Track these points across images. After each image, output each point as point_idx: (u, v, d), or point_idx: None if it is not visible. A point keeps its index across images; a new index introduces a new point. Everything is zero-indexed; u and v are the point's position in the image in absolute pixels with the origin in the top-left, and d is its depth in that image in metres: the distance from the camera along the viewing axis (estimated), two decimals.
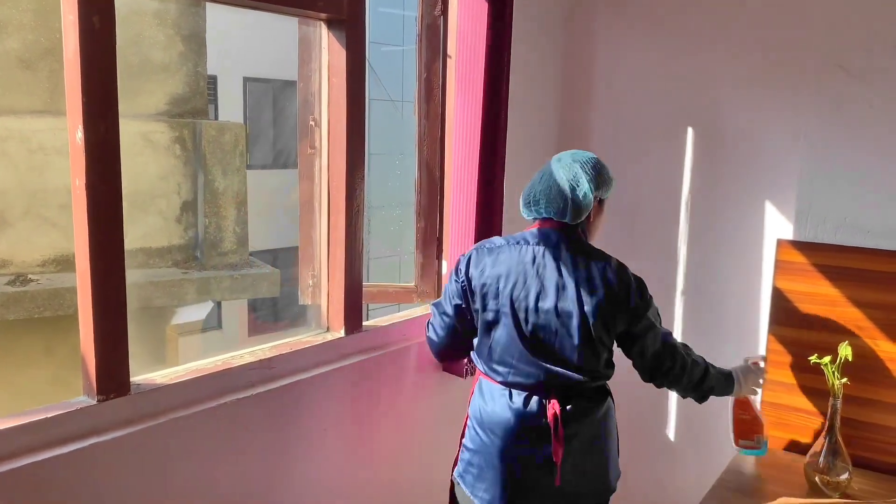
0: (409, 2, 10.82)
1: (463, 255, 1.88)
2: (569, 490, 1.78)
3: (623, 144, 2.62)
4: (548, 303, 1.73)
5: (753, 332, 2.41)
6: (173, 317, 4.83)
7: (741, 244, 2.41)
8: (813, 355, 2.00)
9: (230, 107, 9.63)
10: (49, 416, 1.46)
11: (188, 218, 4.54)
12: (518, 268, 1.76)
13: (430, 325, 1.97)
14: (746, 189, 2.39)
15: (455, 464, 1.91)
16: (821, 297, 2.16)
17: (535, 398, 1.76)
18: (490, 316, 1.78)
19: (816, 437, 2.06)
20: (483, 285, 1.78)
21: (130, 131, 4.24)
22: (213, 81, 9.11)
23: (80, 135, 1.44)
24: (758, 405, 2.15)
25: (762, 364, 2.07)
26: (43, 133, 4.01)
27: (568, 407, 1.75)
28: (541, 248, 1.78)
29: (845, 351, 1.96)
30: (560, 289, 1.74)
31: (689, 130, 2.49)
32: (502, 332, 1.76)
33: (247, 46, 9.13)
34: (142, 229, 4.34)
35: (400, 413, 2.19)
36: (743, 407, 2.13)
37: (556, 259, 1.76)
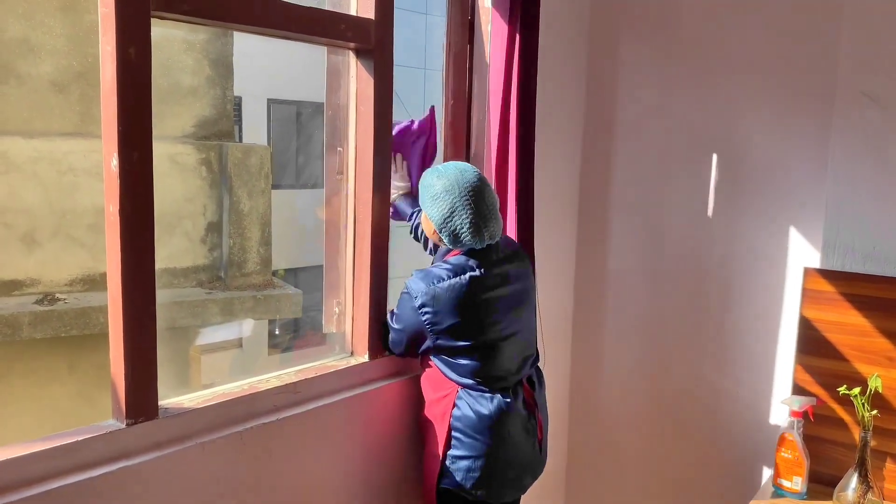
0: (431, 25, 10.94)
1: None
2: (543, 457, 2.06)
3: (646, 170, 2.62)
4: (521, 312, 1.97)
5: (780, 362, 2.38)
6: (204, 336, 4.87)
7: (767, 272, 2.39)
8: (842, 386, 1.97)
9: (254, 127, 9.76)
10: (79, 439, 1.47)
11: (213, 239, 4.59)
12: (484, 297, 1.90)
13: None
14: (772, 216, 2.37)
15: (438, 477, 1.94)
16: (850, 326, 2.14)
17: (517, 389, 1.98)
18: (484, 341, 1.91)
19: (846, 469, 2.03)
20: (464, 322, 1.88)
21: (158, 153, 4.28)
22: (237, 102, 9.25)
23: (114, 162, 1.47)
24: (802, 446, 2.11)
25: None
26: (73, 155, 4.08)
27: (533, 385, 2.05)
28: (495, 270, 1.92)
29: (875, 382, 1.93)
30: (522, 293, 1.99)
31: (713, 157, 2.48)
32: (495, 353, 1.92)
33: (271, 69, 9.25)
34: (167, 250, 4.39)
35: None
36: (787, 445, 2.10)
37: (510, 274, 1.96)
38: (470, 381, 1.91)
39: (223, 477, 1.68)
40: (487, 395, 1.91)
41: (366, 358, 2.07)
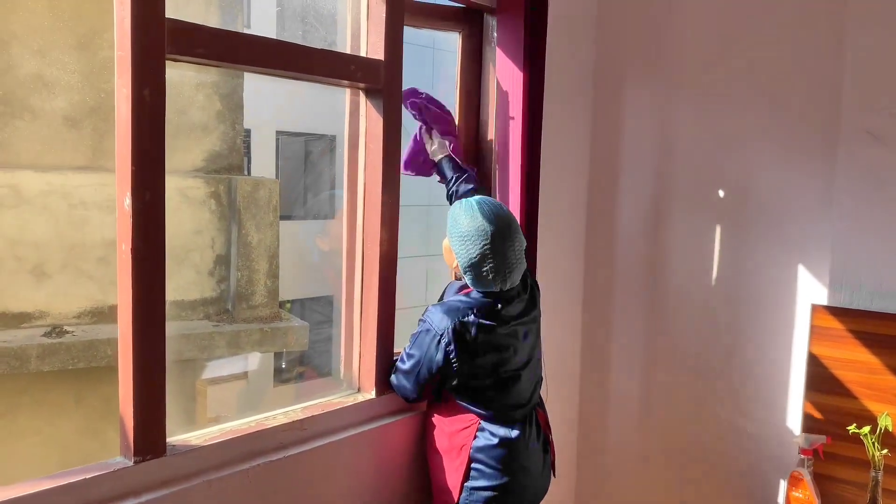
0: (437, 58, 11.07)
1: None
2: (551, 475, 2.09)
3: (652, 207, 2.64)
4: (534, 340, 2.01)
5: (791, 399, 2.37)
6: (210, 370, 4.86)
7: (774, 308, 2.39)
8: (851, 425, 1.96)
9: (263, 159, 9.84)
10: (87, 477, 1.47)
11: (221, 271, 4.61)
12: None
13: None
14: (778, 253, 2.38)
15: None
16: (859, 364, 2.13)
17: (533, 414, 2.00)
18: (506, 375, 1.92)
19: None
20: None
21: (168, 187, 4.31)
22: (246, 134, 9.33)
23: (127, 201, 1.49)
24: (813, 485, 2.10)
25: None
26: (84, 188, 4.12)
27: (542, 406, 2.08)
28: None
29: (885, 421, 1.92)
30: (535, 321, 2.01)
31: (719, 192, 2.50)
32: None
33: (280, 101, 9.36)
34: (176, 282, 4.40)
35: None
36: (798, 485, 2.09)
37: (525, 305, 1.97)
38: (491, 413, 1.91)
39: None
40: (509, 424, 1.91)
41: (373, 394, 2.07)
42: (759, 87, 2.40)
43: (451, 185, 2.17)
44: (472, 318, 1.84)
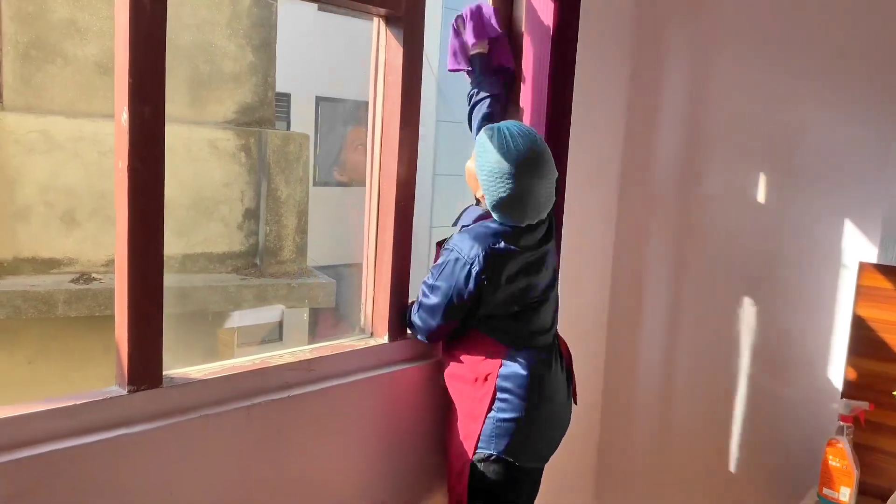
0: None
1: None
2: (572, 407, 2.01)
3: (691, 160, 2.48)
4: (551, 267, 1.94)
5: (832, 363, 2.22)
6: (237, 321, 4.85)
7: (819, 267, 2.23)
8: None
9: (303, 124, 9.83)
10: (77, 403, 1.42)
11: (250, 225, 4.58)
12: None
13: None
14: (826, 208, 2.21)
15: (475, 446, 1.81)
16: None
17: (555, 342, 1.95)
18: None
19: None
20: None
21: (198, 138, 4.31)
22: (286, 98, 9.32)
23: (125, 116, 1.42)
24: (852, 454, 1.96)
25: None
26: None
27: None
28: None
29: None
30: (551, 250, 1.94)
31: (764, 145, 2.33)
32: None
33: (320, 66, 9.31)
34: (204, 234, 4.39)
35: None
36: (835, 452, 1.95)
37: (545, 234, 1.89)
38: (516, 342, 1.83)
39: (227, 451, 1.61)
40: (534, 352, 1.84)
41: (385, 339, 1.99)
42: (815, 28, 2.21)
43: (473, 90, 2.06)
44: (501, 244, 1.76)
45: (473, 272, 1.74)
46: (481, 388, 1.83)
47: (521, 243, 1.79)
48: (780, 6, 2.27)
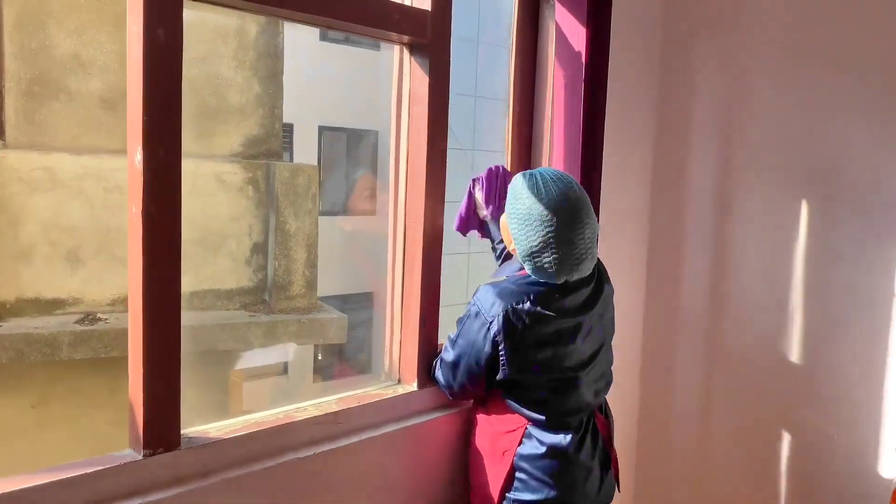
0: (482, 53, 10.86)
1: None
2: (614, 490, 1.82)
3: (724, 184, 2.37)
4: (601, 336, 1.76)
5: (891, 405, 2.08)
6: (246, 361, 4.73)
7: (870, 300, 2.10)
8: None
9: (305, 153, 9.79)
10: (88, 471, 1.29)
11: (258, 260, 4.46)
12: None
13: None
14: (874, 237, 2.09)
15: None
16: None
17: (591, 420, 1.75)
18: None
19: None
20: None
21: (205, 172, 4.22)
22: (289, 128, 9.27)
23: (138, 157, 1.31)
24: None
25: None
26: (120, 172, 4.01)
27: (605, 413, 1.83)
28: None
29: None
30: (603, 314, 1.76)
31: (803, 165, 2.21)
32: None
33: (323, 96, 9.28)
34: (211, 270, 4.28)
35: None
36: None
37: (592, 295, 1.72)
38: (542, 417, 1.66)
39: None
40: (561, 431, 1.65)
41: (414, 387, 1.86)
42: (852, 40, 2.10)
43: (494, 244, 1.99)
44: (527, 305, 1.58)
45: (492, 332, 1.60)
46: (498, 465, 1.69)
47: (555, 306, 1.61)
48: (817, 19, 2.17)
